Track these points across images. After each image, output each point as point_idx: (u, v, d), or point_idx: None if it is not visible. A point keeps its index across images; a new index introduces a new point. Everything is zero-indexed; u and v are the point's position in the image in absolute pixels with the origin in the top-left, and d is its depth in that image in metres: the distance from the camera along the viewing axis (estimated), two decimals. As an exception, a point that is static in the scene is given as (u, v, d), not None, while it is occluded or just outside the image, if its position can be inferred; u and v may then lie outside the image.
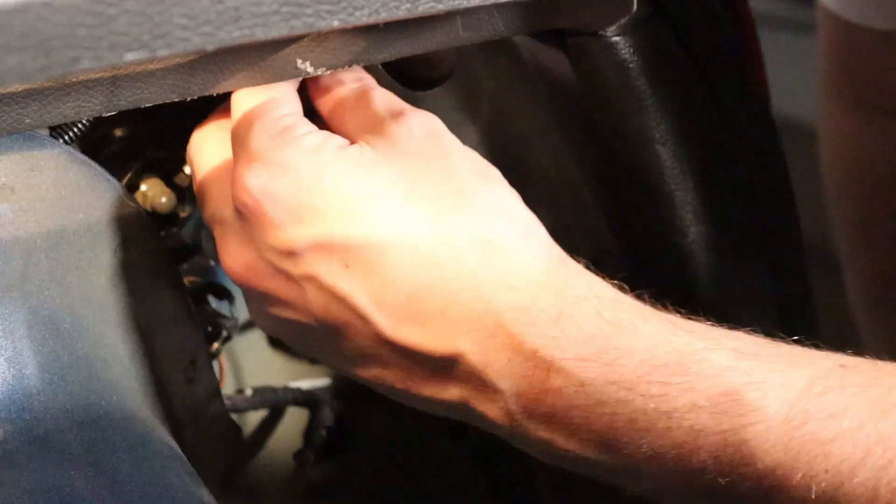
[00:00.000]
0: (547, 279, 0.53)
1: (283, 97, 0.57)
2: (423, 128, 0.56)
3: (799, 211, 0.73)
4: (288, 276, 0.54)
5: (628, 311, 0.53)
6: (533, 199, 0.74)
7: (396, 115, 0.56)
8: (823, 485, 0.48)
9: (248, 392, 0.78)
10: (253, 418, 0.81)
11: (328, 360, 0.58)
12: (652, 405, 0.51)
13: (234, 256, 0.56)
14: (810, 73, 1.13)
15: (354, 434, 0.83)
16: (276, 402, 0.79)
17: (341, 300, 0.53)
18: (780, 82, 0.83)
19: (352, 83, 0.59)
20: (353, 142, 0.56)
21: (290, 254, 0.54)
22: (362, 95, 0.58)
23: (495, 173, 0.57)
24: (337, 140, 0.55)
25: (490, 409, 0.54)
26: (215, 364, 0.72)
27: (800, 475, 0.49)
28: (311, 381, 0.81)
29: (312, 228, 0.53)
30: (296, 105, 0.57)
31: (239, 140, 0.56)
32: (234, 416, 0.71)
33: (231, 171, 0.57)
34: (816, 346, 0.53)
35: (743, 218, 0.69)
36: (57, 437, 0.55)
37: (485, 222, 0.54)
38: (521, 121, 0.71)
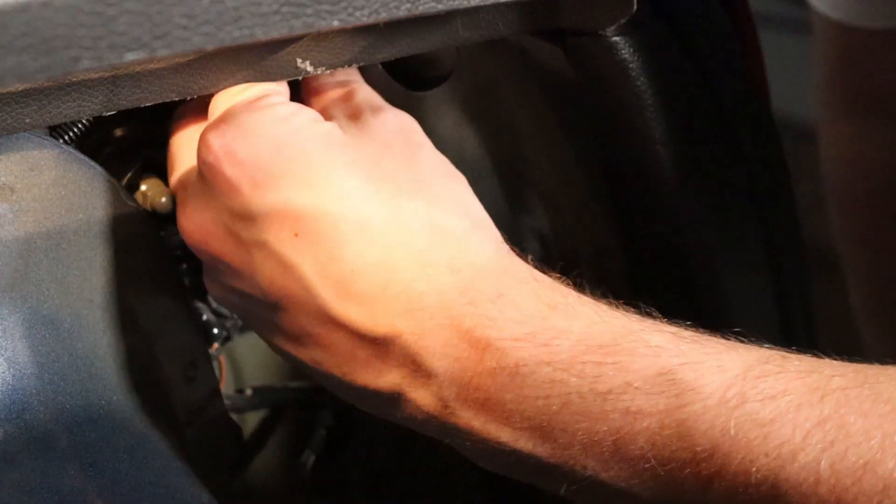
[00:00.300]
0: (490, 265, 0.54)
1: (272, 88, 0.58)
2: (398, 123, 0.57)
3: (799, 211, 0.73)
4: (239, 241, 0.54)
5: (567, 295, 0.53)
6: (533, 199, 0.74)
7: (375, 108, 0.57)
8: (764, 469, 0.47)
9: (248, 392, 0.78)
10: (253, 418, 0.80)
11: (270, 341, 0.58)
12: (587, 387, 0.50)
13: (191, 217, 0.56)
14: (810, 74, 1.13)
15: (354, 434, 0.82)
16: (276, 402, 0.79)
17: (287, 269, 0.53)
18: (780, 82, 0.83)
19: (341, 76, 0.61)
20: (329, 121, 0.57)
21: (244, 217, 0.54)
22: (349, 92, 0.60)
23: (459, 176, 0.58)
24: (310, 113, 0.56)
25: (422, 396, 0.53)
26: (215, 364, 0.72)
27: (739, 459, 0.47)
28: (311, 381, 0.81)
29: (268, 193, 0.53)
30: (280, 90, 0.58)
31: (213, 108, 0.57)
32: (234, 416, 0.71)
33: (197, 136, 0.57)
34: (814, 347, 0.53)
35: (743, 218, 0.69)
36: (57, 437, 0.55)
37: (439, 210, 0.54)
38: (522, 121, 0.71)
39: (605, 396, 0.50)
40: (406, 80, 0.69)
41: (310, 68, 0.58)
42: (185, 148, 0.60)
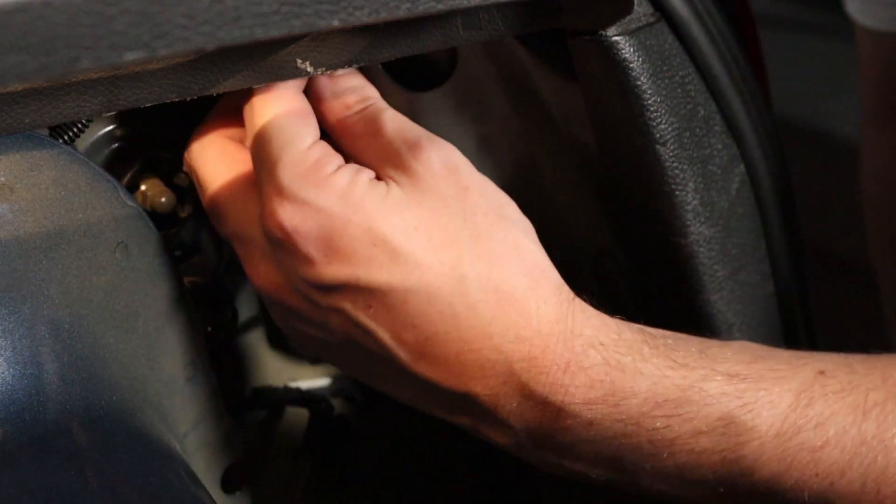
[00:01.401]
0: (555, 329, 0.57)
1: (304, 117, 0.58)
2: (442, 163, 0.58)
3: (799, 211, 0.73)
4: (314, 303, 0.57)
5: (630, 353, 0.57)
6: (533, 200, 0.74)
7: (413, 146, 0.58)
8: (815, 487, 0.54)
9: (248, 392, 0.78)
10: (253, 418, 0.80)
11: (348, 369, 0.62)
12: (658, 436, 0.56)
13: (264, 276, 0.59)
14: (810, 74, 1.14)
15: (354, 434, 0.82)
16: (276, 402, 0.79)
17: (365, 332, 0.57)
18: (780, 82, 0.83)
19: (356, 105, 0.60)
20: (374, 171, 0.58)
21: (319, 287, 0.56)
22: (373, 121, 0.59)
23: (509, 207, 0.59)
24: (364, 177, 0.57)
25: (500, 437, 0.59)
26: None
27: (793, 481, 0.55)
28: (311, 381, 0.81)
29: (341, 270, 0.56)
30: (316, 127, 0.58)
31: (267, 169, 0.57)
32: (233, 417, 0.71)
33: (247, 191, 0.59)
34: (814, 347, 0.57)
35: (743, 218, 0.69)
36: (57, 437, 0.55)
37: (499, 269, 0.57)
38: (521, 121, 0.71)
39: (673, 441, 0.56)
40: (406, 80, 0.69)
41: (310, 68, 0.57)
42: (208, 156, 0.61)
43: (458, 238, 0.57)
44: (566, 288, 0.58)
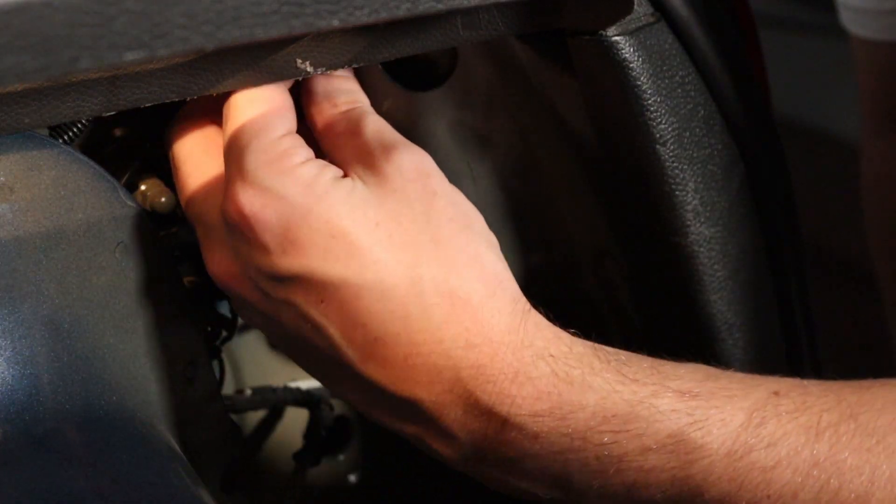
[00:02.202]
0: (506, 339, 0.56)
1: (280, 111, 0.58)
2: (413, 167, 0.57)
3: (799, 211, 0.73)
4: (267, 295, 0.57)
5: (580, 365, 0.56)
6: (533, 200, 0.74)
7: (388, 149, 0.57)
8: None
9: (248, 392, 0.78)
10: (253, 418, 0.80)
11: (304, 367, 0.61)
12: (605, 452, 0.54)
13: (219, 263, 0.58)
14: (810, 74, 1.14)
15: (354, 434, 0.82)
16: (276, 402, 0.79)
17: (314, 328, 0.56)
18: (780, 82, 0.83)
19: (344, 105, 0.60)
20: (344, 170, 0.57)
21: (272, 277, 0.56)
22: (355, 122, 0.59)
23: (476, 219, 0.59)
24: (330, 172, 0.56)
25: (444, 449, 0.57)
26: (215, 364, 0.72)
27: (744, 503, 0.53)
28: (311, 381, 0.81)
29: (296, 261, 0.55)
30: (292, 121, 0.58)
31: (234, 154, 0.57)
32: (234, 416, 0.71)
33: (217, 177, 0.59)
34: (813, 347, 0.56)
35: (743, 218, 0.69)
36: (57, 437, 0.55)
37: (456, 275, 0.56)
38: (521, 121, 0.71)
39: (622, 458, 0.54)
40: (406, 80, 0.69)
41: (310, 68, 0.57)
42: (187, 142, 0.60)
43: (418, 240, 0.56)
44: (523, 300, 0.58)
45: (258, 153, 0.56)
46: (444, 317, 0.55)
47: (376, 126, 0.59)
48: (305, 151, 0.57)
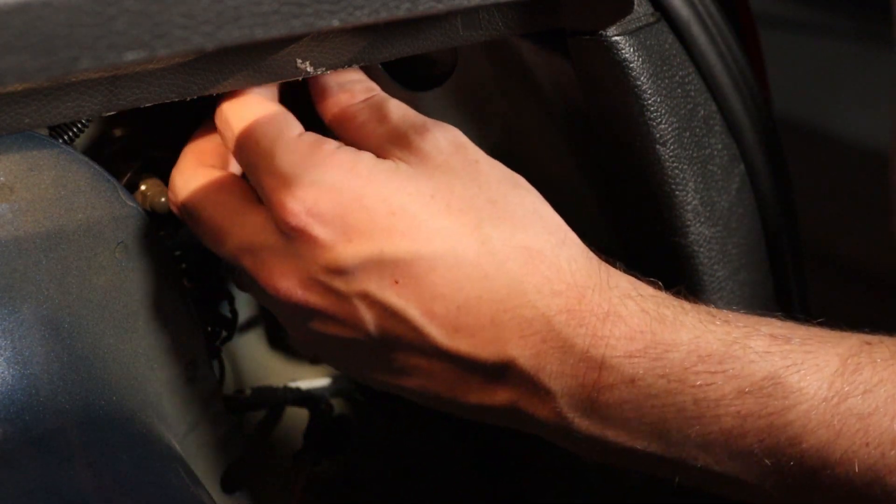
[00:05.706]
0: (590, 281, 0.55)
1: (281, 111, 0.57)
2: (448, 141, 0.57)
3: (799, 211, 0.73)
4: (339, 294, 0.55)
5: (670, 305, 0.55)
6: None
7: (419, 129, 0.57)
8: (865, 458, 0.51)
9: (248, 392, 0.78)
10: (253, 418, 0.80)
11: (370, 375, 0.59)
12: (702, 395, 0.53)
13: (283, 277, 0.56)
14: (810, 73, 1.13)
15: (354, 434, 0.82)
16: (276, 402, 0.79)
17: (394, 314, 0.55)
18: (780, 82, 0.83)
19: (361, 94, 0.59)
20: (379, 156, 0.56)
21: (341, 272, 0.54)
22: (378, 108, 0.58)
23: (521, 179, 0.58)
24: (367, 154, 0.56)
25: (540, 410, 0.56)
26: (215, 364, 0.72)
27: (842, 451, 0.51)
28: (311, 381, 0.81)
29: (361, 247, 0.54)
30: (296, 119, 0.57)
31: (262, 165, 0.56)
32: (233, 416, 0.71)
33: (242, 199, 0.58)
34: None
35: (743, 218, 0.69)
36: (57, 437, 0.55)
37: (523, 230, 0.55)
38: (521, 120, 0.71)
39: (718, 402, 0.53)
40: (406, 80, 0.69)
41: (310, 68, 0.57)
42: (193, 186, 0.59)
43: (476, 203, 0.55)
44: (592, 253, 0.57)
45: (286, 154, 0.55)
46: (521, 269, 0.54)
47: (401, 109, 0.58)
48: (333, 141, 0.56)
